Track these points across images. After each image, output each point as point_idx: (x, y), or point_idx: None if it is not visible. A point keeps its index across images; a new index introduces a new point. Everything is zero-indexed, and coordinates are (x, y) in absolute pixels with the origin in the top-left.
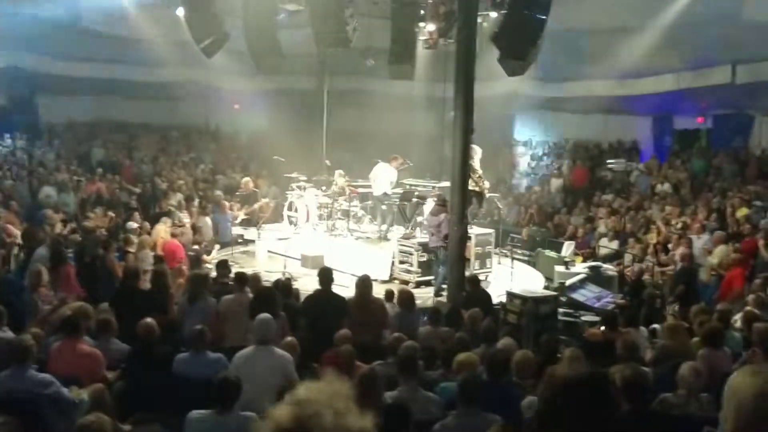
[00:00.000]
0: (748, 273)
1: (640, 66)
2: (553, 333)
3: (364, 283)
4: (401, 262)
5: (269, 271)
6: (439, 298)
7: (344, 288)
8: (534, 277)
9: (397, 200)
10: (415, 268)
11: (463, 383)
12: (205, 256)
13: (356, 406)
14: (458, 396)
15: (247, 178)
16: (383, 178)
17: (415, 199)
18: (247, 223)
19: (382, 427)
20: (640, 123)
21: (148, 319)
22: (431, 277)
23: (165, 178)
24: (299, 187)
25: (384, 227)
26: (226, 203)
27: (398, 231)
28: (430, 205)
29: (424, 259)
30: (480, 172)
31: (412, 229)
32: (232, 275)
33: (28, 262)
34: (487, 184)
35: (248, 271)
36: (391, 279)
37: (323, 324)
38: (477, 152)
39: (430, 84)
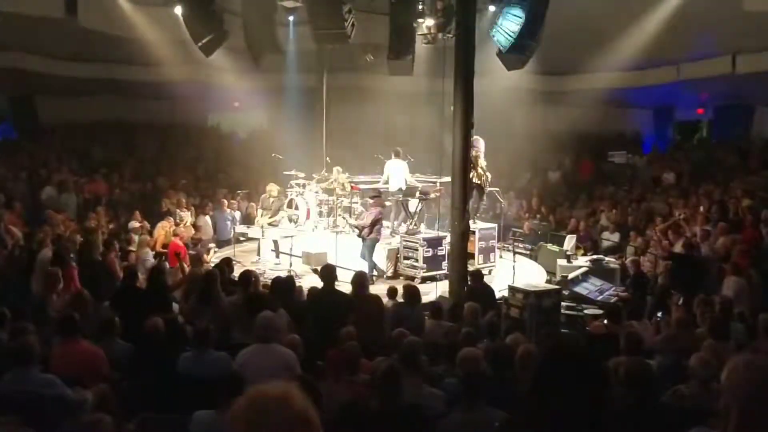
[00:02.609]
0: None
1: (640, 58)
2: (553, 326)
3: (359, 280)
4: (406, 258)
5: (273, 270)
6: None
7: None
8: (536, 271)
9: (400, 196)
10: (420, 264)
11: (465, 378)
12: (204, 256)
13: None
14: (461, 391)
15: (270, 185)
16: (398, 172)
17: (418, 195)
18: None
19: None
20: (640, 115)
21: (155, 318)
22: (436, 272)
23: (166, 177)
24: (298, 185)
25: (396, 223)
26: (225, 201)
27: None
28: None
29: (430, 254)
30: (484, 164)
31: (416, 224)
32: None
33: (31, 263)
34: (489, 176)
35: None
36: (396, 275)
37: (327, 322)
38: (480, 143)
39: (429, 79)
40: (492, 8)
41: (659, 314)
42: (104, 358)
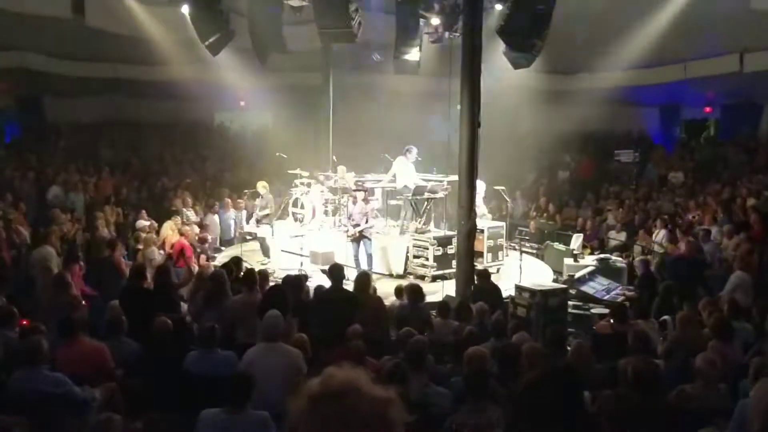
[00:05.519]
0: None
1: (647, 56)
2: (558, 325)
3: (361, 280)
4: (416, 257)
5: (283, 269)
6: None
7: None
8: (543, 270)
9: (410, 195)
10: (430, 262)
11: (470, 377)
12: (203, 260)
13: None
14: (466, 390)
15: (258, 183)
16: (404, 171)
17: (426, 194)
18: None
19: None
20: (647, 114)
21: (164, 318)
22: (446, 271)
23: (172, 177)
24: (303, 183)
25: (406, 222)
26: (230, 200)
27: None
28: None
29: (440, 253)
30: (482, 209)
31: (425, 223)
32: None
33: None
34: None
35: (256, 268)
36: (406, 274)
37: (334, 320)
38: (481, 187)
39: (435, 78)
40: (499, 6)
41: (665, 317)
42: (108, 354)
